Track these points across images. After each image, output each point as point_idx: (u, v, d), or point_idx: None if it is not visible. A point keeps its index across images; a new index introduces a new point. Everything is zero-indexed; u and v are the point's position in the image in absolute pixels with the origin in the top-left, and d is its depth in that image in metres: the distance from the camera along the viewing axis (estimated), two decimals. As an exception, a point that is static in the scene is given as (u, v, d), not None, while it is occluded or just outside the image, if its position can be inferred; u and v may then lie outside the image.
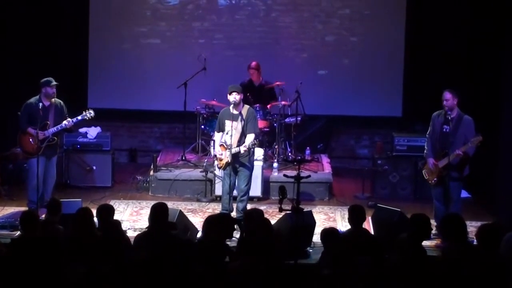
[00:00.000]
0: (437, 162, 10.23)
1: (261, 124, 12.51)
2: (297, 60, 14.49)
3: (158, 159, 12.98)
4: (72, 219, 8.12)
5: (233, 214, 10.69)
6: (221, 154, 10.60)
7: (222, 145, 10.67)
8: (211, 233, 7.92)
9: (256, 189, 11.83)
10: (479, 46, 13.18)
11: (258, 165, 11.85)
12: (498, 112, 11.85)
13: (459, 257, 6.98)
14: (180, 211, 9.70)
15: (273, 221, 9.99)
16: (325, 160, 13.41)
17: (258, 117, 12.49)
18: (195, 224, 10.11)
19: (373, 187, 12.59)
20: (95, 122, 12.09)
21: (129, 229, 10.21)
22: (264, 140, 12.58)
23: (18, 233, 9.53)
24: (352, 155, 14.79)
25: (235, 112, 10.61)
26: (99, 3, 14.35)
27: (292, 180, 9.51)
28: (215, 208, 11.44)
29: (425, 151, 10.51)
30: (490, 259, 7.00)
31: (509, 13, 11.63)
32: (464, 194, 11.52)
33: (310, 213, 9.97)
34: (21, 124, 10.77)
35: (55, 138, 10.79)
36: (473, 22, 13.37)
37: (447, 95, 10.14)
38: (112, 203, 11.24)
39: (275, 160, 12.67)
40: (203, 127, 13.08)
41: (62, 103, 10.91)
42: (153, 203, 11.05)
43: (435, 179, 10.28)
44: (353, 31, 14.43)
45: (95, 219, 8.53)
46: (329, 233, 7.81)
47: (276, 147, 12.87)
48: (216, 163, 11.12)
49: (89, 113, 10.90)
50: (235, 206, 10.76)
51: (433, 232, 10.37)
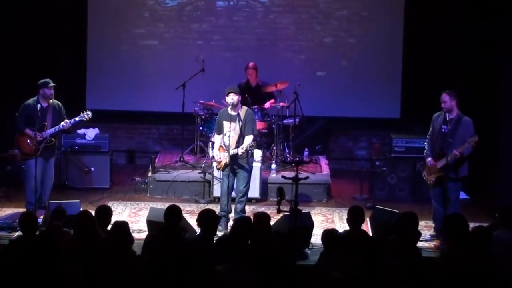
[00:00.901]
0: (435, 162, 10.23)
1: (259, 125, 12.51)
2: (295, 61, 14.49)
3: (156, 160, 12.96)
4: (74, 223, 8.06)
5: (232, 215, 10.69)
6: (219, 157, 10.60)
7: (221, 147, 10.67)
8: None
9: (254, 191, 11.83)
10: (478, 47, 13.17)
11: (256, 167, 11.84)
12: (497, 113, 11.86)
13: (460, 258, 6.97)
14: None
15: (271, 223, 10.01)
16: (323, 161, 13.41)
17: (256, 118, 12.45)
18: (193, 225, 10.09)
19: (371, 188, 12.59)
20: (93, 123, 12.08)
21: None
22: (262, 141, 12.58)
23: (16, 235, 9.53)
24: (350, 156, 14.79)
25: (233, 113, 10.62)
26: (97, 5, 14.34)
27: (290, 181, 9.54)
28: (213, 209, 11.39)
29: (425, 152, 10.51)
30: (482, 259, 7.01)
31: (508, 14, 11.64)
32: (462, 195, 11.52)
33: (308, 214, 9.98)
34: (19, 125, 10.76)
35: (53, 139, 10.78)
36: (472, 23, 13.36)
37: (445, 98, 10.12)
38: (110, 204, 11.25)
39: (273, 161, 12.66)
40: (201, 128, 13.08)
41: (60, 104, 10.90)
42: (151, 204, 11.19)
43: (433, 180, 10.29)
44: (351, 32, 14.44)
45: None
46: (330, 234, 7.80)
47: (274, 148, 12.87)
48: (214, 164, 11.12)
49: (87, 114, 10.90)
50: (233, 207, 10.76)
51: (432, 233, 10.44)
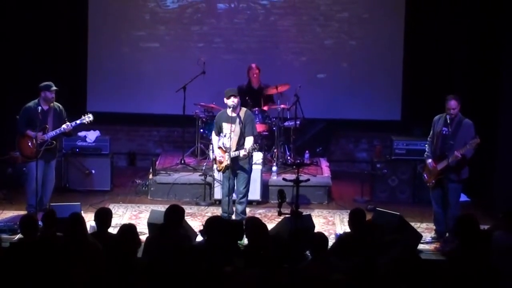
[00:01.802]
0: (436, 164, 10.23)
1: (260, 127, 12.52)
2: (296, 63, 14.49)
3: (157, 162, 12.97)
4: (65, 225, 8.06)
5: (233, 216, 10.69)
6: (222, 156, 10.59)
7: (220, 148, 10.67)
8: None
9: (255, 193, 11.83)
10: (478, 49, 13.17)
11: (257, 169, 11.85)
12: (497, 115, 11.87)
13: (470, 259, 6.97)
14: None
15: (272, 225, 10.02)
16: (324, 163, 13.41)
17: (257, 120, 12.52)
18: (194, 228, 10.10)
19: (372, 190, 12.59)
20: (94, 126, 12.08)
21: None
22: (263, 143, 12.58)
23: (17, 237, 9.53)
24: (351, 158, 14.79)
25: (233, 114, 10.60)
26: (98, 7, 14.34)
27: (291, 183, 9.55)
28: (214, 211, 11.43)
29: (425, 154, 10.51)
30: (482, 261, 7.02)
31: (509, 16, 11.65)
32: (463, 197, 11.52)
33: (309, 216, 9.98)
34: (20, 127, 10.77)
35: (54, 142, 10.78)
36: (472, 26, 13.35)
37: (453, 104, 10.03)
38: (111, 207, 11.26)
39: (274, 163, 12.66)
40: (202, 130, 13.07)
41: (61, 107, 10.91)
42: (152, 206, 11.20)
43: (433, 182, 10.29)
44: (352, 34, 14.44)
45: (92, 223, 8.56)
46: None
47: (275, 150, 12.87)
48: (215, 166, 11.11)
49: (88, 117, 10.89)
50: (234, 209, 10.76)
51: (433, 235, 10.44)
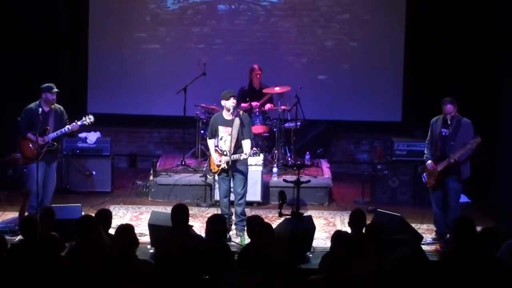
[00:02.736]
0: (436, 165, 10.24)
1: (261, 129, 12.52)
2: (297, 65, 14.50)
3: (157, 164, 12.98)
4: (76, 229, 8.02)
5: (233, 218, 10.68)
6: (219, 160, 10.53)
7: (217, 151, 10.61)
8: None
9: (255, 194, 11.83)
10: (479, 51, 13.18)
11: (257, 170, 11.85)
12: (497, 116, 11.87)
13: (466, 260, 6.96)
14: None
15: (273, 226, 10.01)
16: (325, 165, 13.42)
17: (257, 122, 12.54)
18: (195, 229, 10.09)
19: (373, 192, 12.59)
20: (94, 127, 12.08)
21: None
22: (263, 145, 12.58)
23: (18, 238, 9.53)
24: (351, 160, 14.79)
25: (229, 117, 10.49)
26: (99, 9, 14.36)
27: (292, 185, 9.54)
28: (215, 212, 11.41)
29: (425, 156, 10.52)
30: (487, 262, 7.01)
31: (509, 18, 11.66)
32: (463, 199, 11.53)
33: (309, 218, 9.98)
34: (21, 129, 10.76)
35: (55, 143, 10.78)
36: (473, 26, 13.38)
37: (449, 108, 10.06)
38: (111, 208, 11.26)
39: (275, 165, 12.66)
40: (202, 132, 13.07)
41: (62, 108, 10.90)
42: (153, 208, 11.19)
43: (433, 183, 10.30)
44: (352, 36, 14.45)
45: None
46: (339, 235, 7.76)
47: (275, 152, 12.87)
48: (211, 167, 10.96)
49: (89, 119, 10.88)
50: (233, 210, 10.73)
51: (433, 236, 10.45)
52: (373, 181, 12.63)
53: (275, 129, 12.87)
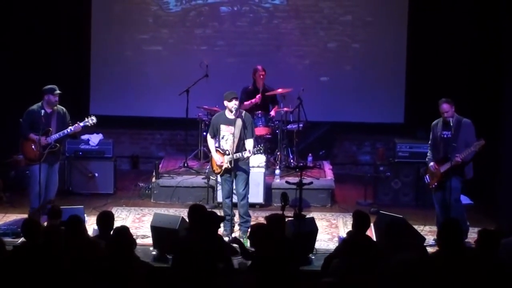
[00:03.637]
0: (438, 167, 10.25)
1: (263, 130, 12.52)
2: (299, 66, 14.50)
3: (160, 166, 12.99)
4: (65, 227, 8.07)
5: (235, 219, 10.68)
6: (221, 161, 10.53)
7: (218, 151, 10.61)
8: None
9: (258, 196, 11.83)
10: (480, 52, 13.18)
11: (260, 172, 11.86)
12: (499, 118, 11.86)
13: (451, 264, 6.96)
14: (182, 218, 9.66)
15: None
16: (327, 166, 13.41)
17: (260, 123, 12.53)
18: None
19: (375, 193, 12.58)
20: (97, 129, 12.10)
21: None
22: (266, 146, 12.57)
23: (20, 240, 9.53)
24: (354, 161, 14.79)
25: (232, 117, 10.49)
26: (101, 10, 14.37)
27: (294, 186, 9.54)
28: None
29: (427, 158, 10.53)
30: (488, 263, 7.00)
31: (509, 19, 11.65)
32: (466, 200, 11.53)
33: (312, 219, 9.97)
34: (23, 130, 10.77)
35: (58, 144, 10.78)
36: (475, 28, 13.38)
37: (446, 107, 10.11)
38: (114, 210, 11.28)
39: (277, 166, 12.66)
40: (205, 133, 13.02)
41: (64, 110, 10.91)
42: (155, 210, 11.20)
43: (436, 184, 10.30)
44: (355, 37, 14.44)
45: (95, 227, 8.56)
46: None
47: (278, 153, 12.87)
48: (213, 168, 10.94)
49: (92, 120, 10.89)
50: (236, 212, 10.73)
51: (435, 237, 10.43)
52: (376, 183, 12.62)
53: (277, 131, 12.87)
